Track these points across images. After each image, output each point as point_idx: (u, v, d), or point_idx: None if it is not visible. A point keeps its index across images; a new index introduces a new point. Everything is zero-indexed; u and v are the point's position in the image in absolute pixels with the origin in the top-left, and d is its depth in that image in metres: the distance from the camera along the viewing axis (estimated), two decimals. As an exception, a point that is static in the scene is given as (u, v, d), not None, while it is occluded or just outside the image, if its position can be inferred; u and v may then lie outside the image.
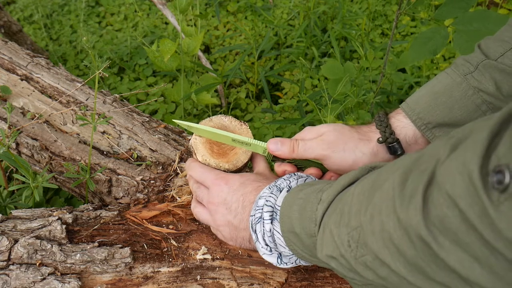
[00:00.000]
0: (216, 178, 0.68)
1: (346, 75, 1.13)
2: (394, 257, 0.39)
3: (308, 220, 0.51)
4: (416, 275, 0.38)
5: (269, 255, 0.60)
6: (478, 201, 0.30)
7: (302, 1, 1.99)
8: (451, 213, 0.33)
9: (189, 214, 0.79)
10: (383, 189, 0.41)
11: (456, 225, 0.32)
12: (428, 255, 0.36)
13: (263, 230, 0.58)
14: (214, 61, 1.88)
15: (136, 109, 1.07)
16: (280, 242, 0.57)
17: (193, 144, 0.71)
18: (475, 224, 0.31)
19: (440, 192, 0.34)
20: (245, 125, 0.73)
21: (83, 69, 1.86)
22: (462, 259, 0.33)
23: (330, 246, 0.47)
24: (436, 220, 0.34)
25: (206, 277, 0.72)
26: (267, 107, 1.61)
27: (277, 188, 0.60)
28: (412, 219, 0.36)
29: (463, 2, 0.87)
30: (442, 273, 0.36)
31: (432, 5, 1.78)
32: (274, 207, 0.58)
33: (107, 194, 0.90)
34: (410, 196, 0.37)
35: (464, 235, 0.32)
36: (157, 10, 2.10)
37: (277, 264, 0.60)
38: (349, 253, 0.44)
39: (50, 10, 2.17)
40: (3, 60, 1.09)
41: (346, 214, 0.45)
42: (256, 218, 0.59)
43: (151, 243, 0.75)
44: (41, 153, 0.94)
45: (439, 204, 0.34)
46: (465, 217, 0.32)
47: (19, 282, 0.66)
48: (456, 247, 0.33)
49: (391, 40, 1.15)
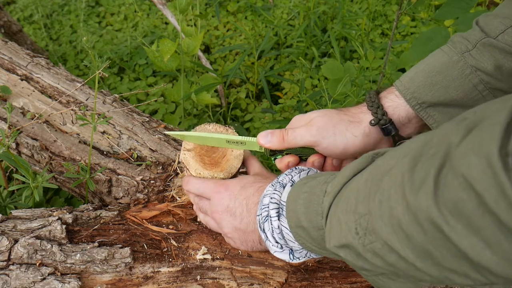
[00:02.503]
0: (215, 187, 0.67)
1: (346, 75, 1.13)
2: (402, 242, 0.38)
3: (315, 214, 0.50)
4: (424, 261, 0.38)
5: (280, 252, 0.59)
6: (497, 183, 0.30)
7: (302, 1, 1.99)
8: (466, 196, 0.32)
9: (189, 214, 0.79)
10: (391, 174, 0.40)
11: (471, 208, 0.32)
12: (438, 240, 0.35)
13: (272, 228, 0.57)
14: (214, 61, 1.88)
15: (136, 109, 1.07)
16: (289, 238, 0.56)
17: (183, 160, 0.69)
18: (491, 207, 0.30)
19: (455, 175, 0.33)
20: (231, 129, 0.72)
21: (83, 69, 1.86)
22: (474, 243, 0.33)
23: (337, 236, 0.47)
24: (450, 203, 0.33)
25: (206, 277, 0.72)
26: (267, 107, 1.61)
27: (280, 184, 0.60)
28: (423, 203, 0.35)
29: (464, 2, 0.87)
30: (451, 258, 0.35)
31: (432, 5, 1.78)
32: (280, 203, 0.57)
33: (107, 194, 0.90)
34: (420, 180, 0.36)
35: (478, 219, 0.32)
36: (157, 10, 2.10)
37: (290, 260, 0.59)
38: (357, 240, 0.44)
39: (50, 10, 2.17)
40: (3, 60, 1.09)
41: (353, 201, 0.45)
42: (263, 217, 0.58)
43: (151, 243, 0.75)
44: (41, 153, 0.94)
45: (453, 187, 0.33)
46: (481, 200, 0.31)
47: (19, 282, 0.66)
48: (469, 231, 0.33)
49: (391, 40, 1.15)
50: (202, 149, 0.70)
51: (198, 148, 0.70)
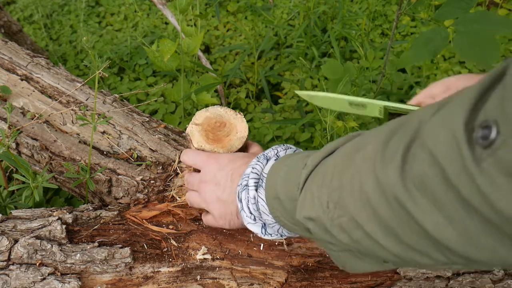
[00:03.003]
0: (207, 158, 0.68)
1: (346, 75, 1.13)
2: (370, 218, 0.38)
3: (292, 185, 0.50)
4: (389, 238, 0.37)
5: (253, 224, 0.58)
6: (460, 157, 0.29)
7: (302, 1, 1.99)
8: (431, 171, 0.32)
9: (189, 214, 0.79)
10: (365, 150, 0.40)
11: (435, 183, 0.31)
12: (402, 216, 0.35)
13: (248, 197, 0.57)
14: (214, 61, 1.88)
15: (136, 109, 1.07)
16: (264, 210, 0.56)
17: (189, 132, 0.72)
18: (454, 182, 0.30)
19: (423, 149, 0.33)
20: (240, 114, 0.74)
21: (83, 69, 1.86)
22: (436, 220, 0.32)
23: (308, 208, 0.46)
24: (416, 179, 0.33)
25: (206, 277, 0.72)
26: (267, 107, 1.61)
27: (264, 157, 0.60)
28: (390, 179, 0.35)
29: (464, 2, 0.87)
30: (414, 236, 0.35)
31: (432, 5, 1.78)
32: (261, 174, 0.57)
33: (107, 194, 0.90)
34: (390, 156, 0.35)
35: (442, 194, 0.31)
36: (157, 10, 2.09)
37: (262, 234, 0.59)
38: (326, 214, 0.43)
39: (50, 10, 2.17)
40: (3, 60, 1.09)
41: (329, 176, 0.44)
42: (242, 186, 0.58)
43: (151, 243, 0.75)
44: (41, 153, 0.94)
45: (420, 162, 0.33)
46: (445, 175, 0.31)
47: (19, 282, 0.66)
48: (433, 207, 0.32)
49: (391, 40, 1.15)
50: (209, 126, 0.72)
51: (205, 124, 0.72)
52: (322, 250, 0.76)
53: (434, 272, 0.77)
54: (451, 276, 0.77)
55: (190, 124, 0.72)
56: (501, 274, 0.78)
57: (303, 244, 0.77)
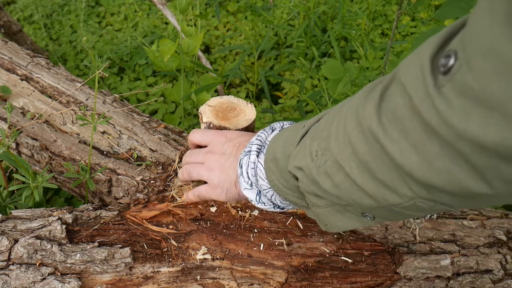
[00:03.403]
0: (216, 133, 0.69)
1: (346, 75, 1.13)
2: (350, 157, 0.40)
3: (289, 144, 0.52)
4: (364, 175, 0.39)
5: (249, 189, 0.59)
6: (424, 84, 0.32)
7: (302, 1, 1.99)
8: (401, 101, 0.34)
9: (189, 214, 0.79)
10: (352, 99, 0.43)
11: (404, 112, 0.34)
12: (375, 150, 0.37)
13: (248, 162, 0.58)
14: (214, 61, 1.88)
15: (136, 109, 1.07)
16: (261, 175, 0.57)
17: (201, 110, 0.74)
18: (418, 108, 0.32)
19: (397, 83, 0.35)
20: (251, 104, 0.78)
21: (83, 69, 1.86)
22: (403, 148, 0.34)
23: (300, 158, 0.48)
24: (389, 111, 0.35)
25: (206, 277, 0.72)
26: (267, 107, 1.61)
27: (270, 127, 0.62)
28: (367, 114, 0.37)
29: (464, 2, 0.87)
30: (385, 169, 0.37)
31: (432, 5, 1.78)
32: (264, 142, 0.59)
33: (107, 194, 0.90)
34: (372, 96, 0.38)
35: (408, 121, 0.34)
36: (157, 10, 2.09)
37: (256, 202, 0.60)
38: (314, 162, 0.45)
39: (50, 10, 2.17)
40: (3, 60, 1.09)
41: (320, 128, 0.47)
42: (245, 152, 0.60)
43: (151, 243, 0.75)
44: (41, 153, 0.94)
45: (394, 95, 0.35)
46: (411, 103, 0.33)
47: (19, 282, 0.66)
48: (401, 136, 0.34)
49: (391, 40, 1.15)
50: (221, 108, 0.75)
51: (218, 106, 0.75)
52: (322, 250, 0.76)
53: (434, 272, 0.77)
54: (451, 276, 0.77)
55: (203, 105, 0.75)
56: (501, 274, 0.78)
57: (303, 244, 0.77)
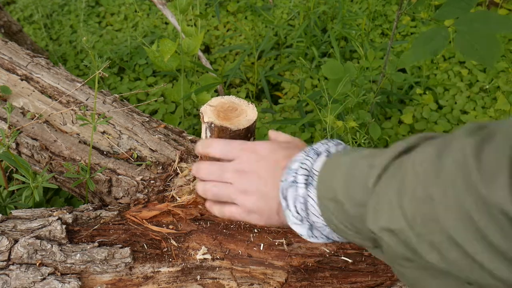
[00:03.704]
0: (241, 147, 0.60)
1: (346, 75, 1.13)
2: (472, 237, 0.34)
3: (358, 187, 0.45)
4: (499, 261, 0.34)
5: (299, 225, 0.52)
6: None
7: (302, 1, 1.99)
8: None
9: (189, 214, 0.79)
10: (454, 157, 0.36)
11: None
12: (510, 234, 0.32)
13: (296, 196, 0.51)
14: (214, 61, 1.88)
15: (136, 109, 1.07)
16: (314, 211, 0.51)
17: (202, 110, 0.74)
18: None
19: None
20: (252, 104, 0.77)
21: (83, 69, 1.86)
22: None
23: (387, 217, 0.41)
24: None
25: (206, 277, 0.72)
26: (267, 107, 1.61)
27: (315, 152, 0.53)
28: (498, 198, 0.32)
29: (464, 2, 0.87)
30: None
31: (432, 5, 1.78)
32: (311, 171, 0.51)
33: (107, 194, 0.90)
34: (492, 170, 0.33)
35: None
36: (157, 10, 2.09)
37: (308, 237, 0.53)
38: (411, 228, 0.39)
39: (50, 10, 2.17)
40: (3, 60, 1.09)
41: (410, 183, 0.40)
42: (288, 182, 0.52)
43: (151, 243, 0.75)
44: (41, 153, 0.94)
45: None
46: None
47: (19, 282, 0.66)
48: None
49: (392, 40, 1.15)
50: (222, 108, 0.75)
51: (219, 106, 0.75)
52: (322, 250, 0.76)
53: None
54: (451, 276, 0.77)
55: (205, 105, 0.75)
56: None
57: (303, 244, 0.77)
